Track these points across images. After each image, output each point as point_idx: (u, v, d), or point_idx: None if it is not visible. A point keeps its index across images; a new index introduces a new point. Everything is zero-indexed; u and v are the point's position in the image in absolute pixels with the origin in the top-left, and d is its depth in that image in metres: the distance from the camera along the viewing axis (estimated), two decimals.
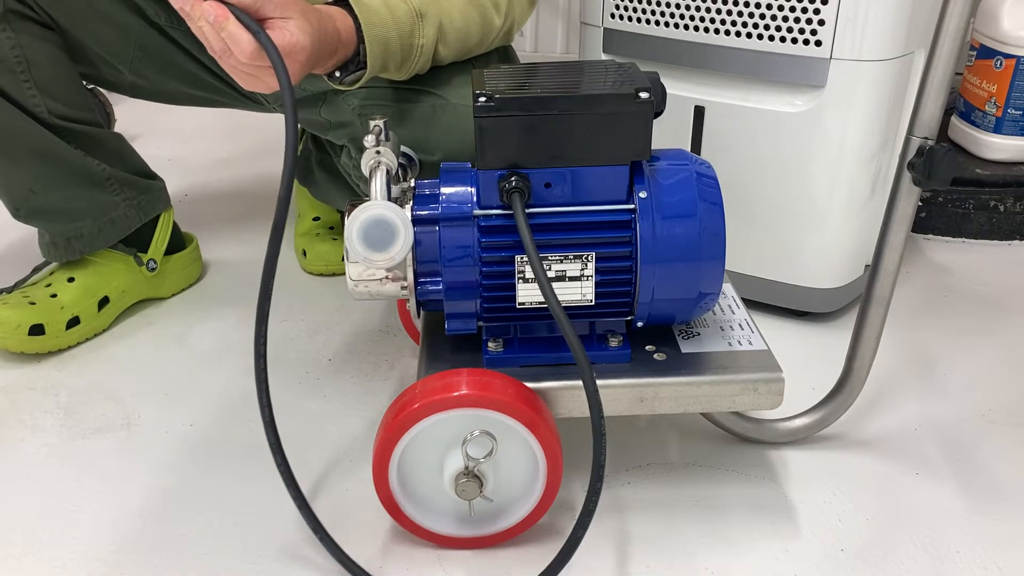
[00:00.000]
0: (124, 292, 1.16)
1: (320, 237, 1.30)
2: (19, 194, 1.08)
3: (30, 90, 1.02)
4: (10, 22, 0.99)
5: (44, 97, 1.03)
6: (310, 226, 1.32)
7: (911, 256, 1.34)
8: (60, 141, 1.06)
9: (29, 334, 1.06)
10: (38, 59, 1.02)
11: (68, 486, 0.89)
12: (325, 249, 1.28)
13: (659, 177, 0.79)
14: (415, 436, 0.75)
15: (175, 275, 1.23)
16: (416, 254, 0.78)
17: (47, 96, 1.04)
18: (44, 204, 1.09)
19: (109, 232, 1.14)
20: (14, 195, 1.09)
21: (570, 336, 0.71)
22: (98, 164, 1.11)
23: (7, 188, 1.09)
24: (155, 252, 1.19)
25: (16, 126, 1.03)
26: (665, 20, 1.10)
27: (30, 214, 1.10)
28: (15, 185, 1.08)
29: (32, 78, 1.02)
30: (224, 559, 0.80)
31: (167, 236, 1.21)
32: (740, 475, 0.89)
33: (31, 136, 1.04)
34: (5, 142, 1.03)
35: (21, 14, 1.00)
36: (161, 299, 1.22)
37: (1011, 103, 1.37)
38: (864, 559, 0.79)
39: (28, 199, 1.08)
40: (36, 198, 1.08)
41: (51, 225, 1.11)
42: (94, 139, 1.10)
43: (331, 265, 1.28)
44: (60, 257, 1.12)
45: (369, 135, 0.76)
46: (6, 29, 0.99)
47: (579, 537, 0.72)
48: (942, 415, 0.98)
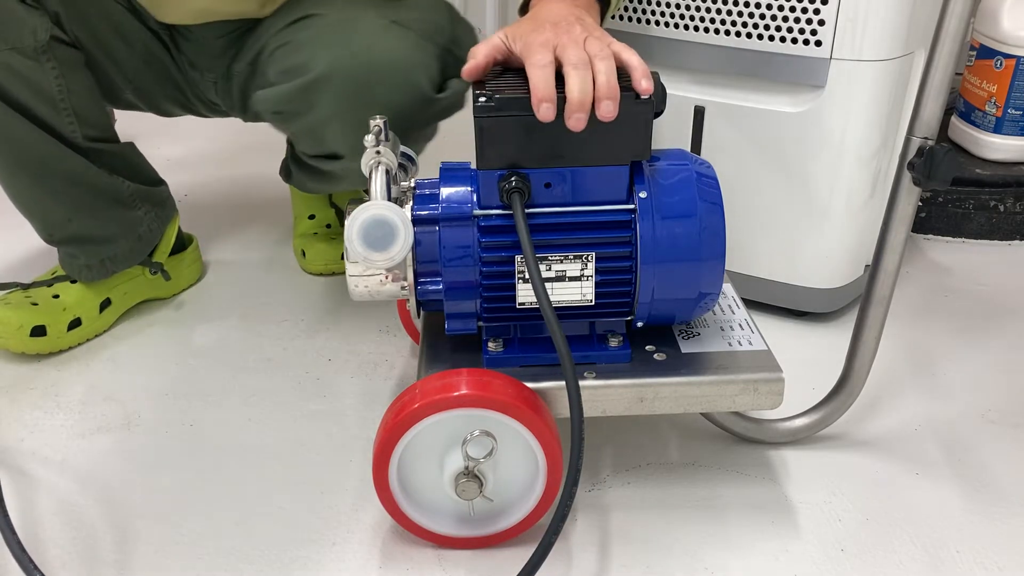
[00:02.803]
0: (126, 294, 1.16)
1: (318, 237, 1.30)
2: (56, 222, 1.09)
3: (68, 118, 1.03)
4: (53, 51, 1.00)
5: (80, 124, 1.04)
6: (307, 226, 1.32)
7: (911, 256, 1.34)
8: (92, 165, 1.07)
9: (31, 335, 1.06)
10: (75, 87, 1.03)
11: (68, 486, 0.89)
12: (323, 248, 1.28)
13: (659, 177, 0.79)
14: (415, 436, 0.75)
15: (175, 276, 1.23)
16: (416, 254, 0.78)
17: (82, 122, 1.04)
18: (81, 231, 1.10)
19: (138, 250, 1.15)
20: (51, 223, 1.09)
21: (557, 337, 0.72)
22: (122, 182, 1.11)
23: (44, 217, 1.09)
24: (161, 256, 1.19)
25: (55, 156, 1.03)
26: (665, 20, 1.10)
27: (65, 240, 1.11)
28: (52, 214, 1.08)
29: (71, 106, 1.03)
30: (224, 559, 0.80)
31: (172, 241, 1.21)
32: (740, 475, 0.89)
33: (68, 165, 1.05)
34: (45, 173, 1.04)
35: (58, 39, 1.00)
36: (161, 299, 1.22)
37: (1011, 103, 1.37)
38: (864, 559, 0.79)
39: (65, 227, 1.09)
40: (73, 225, 1.09)
41: (86, 248, 1.11)
42: (116, 155, 1.11)
43: (330, 264, 1.28)
44: (94, 278, 1.13)
45: (369, 135, 0.76)
46: (50, 60, 1.00)
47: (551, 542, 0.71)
48: (942, 415, 0.98)
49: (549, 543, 0.71)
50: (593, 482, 0.88)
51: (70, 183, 1.06)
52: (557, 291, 0.79)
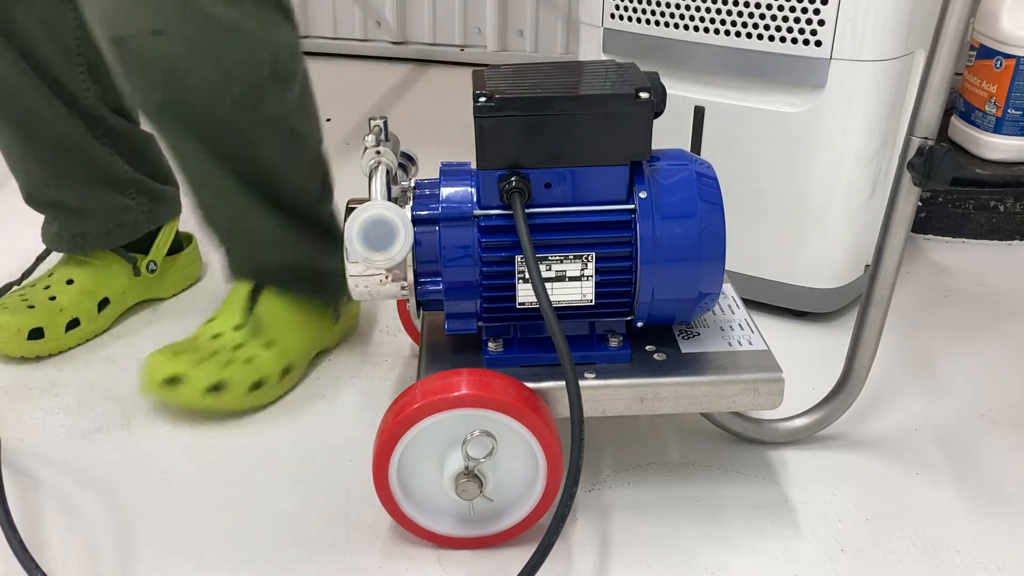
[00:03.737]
0: (124, 293, 1.16)
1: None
2: (36, 184, 1.07)
3: (81, 75, 0.99)
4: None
5: (93, 83, 1.00)
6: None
7: (911, 256, 1.34)
8: (89, 136, 1.04)
9: (28, 338, 1.06)
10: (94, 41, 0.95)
11: (68, 486, 0.89)
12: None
13: (659, 177, 0.79)
14: (415, 436, 0.75)
15: (175, 275, 1.23)
16: (416, 254, 0.78)
17: (95, 82, 1.00)
18: (57, 197, 1.08)
19: (116, 235, 1.13)
20: (31, 183, 1.08)
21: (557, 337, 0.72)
22: (122, 165, 1.09)
23: (26, 176, 1.07)
24: (156, 254, 1.18)
25: (50, 118, 1.00)
26: (665, 20, 1.10)
27: (42, 203, 1.09)
28: (34, 175, 1.07)
29: (86, 63, 0.98)
30: (224, 559, 0.80)
31: (169, 240, 1.20)
32: (740, 475, 0.89)
33: (62, 129, 1.02)
34: (34, 134, 1.01)
35: None
36: (161, 299, 1.22)
37: (1011, 103, 1.37)
38: (864, 559, 0.79)
39: (43, 191, 1.08)
40: (50, 191, 1.07)
41: (60, 216, 1.10)
42: (126, 136, 1.09)
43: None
44: (62, 249, 1.11)
45: (369, 135, 0.76)
46: (74, 9, 0.95)
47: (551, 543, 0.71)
48: (942, 415, 0.98)
49: (549, 543, 0.71)
50: (593, 482, 0.88)
51: (56, 148, 1.03)
52: (557, 291, 0.79)
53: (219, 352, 0.96)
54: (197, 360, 0.95)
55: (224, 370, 0.94)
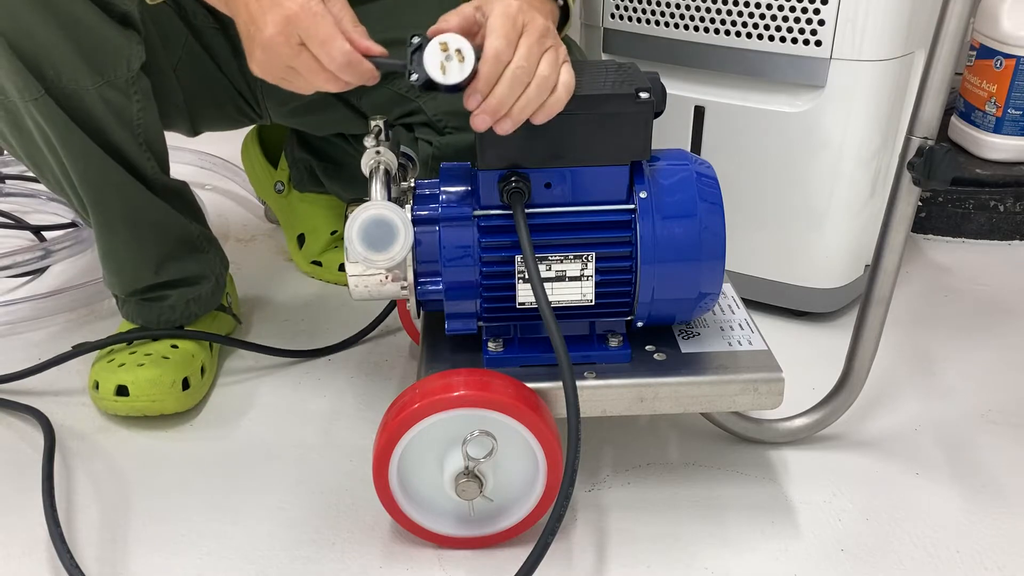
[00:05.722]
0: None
1: (339, 249, 1.26)
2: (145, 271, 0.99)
3: (146, 154, 0.95)
4: (139, 81, 0.91)
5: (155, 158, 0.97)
6: (328, 240, 1.28)
7: (911, 256, 1.34)
8: (169, 208, 0.99)
9: (183, 389, 0.97)
10: (150, 118, 0.95)
11: (68, 486, 0.89)
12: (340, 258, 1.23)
13: (659, 177, 0.79)
14: (415, 436, 0.75)
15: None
16: (416, 254, 0.78)
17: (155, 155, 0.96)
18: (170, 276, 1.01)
19: (218, 291, 1.08)
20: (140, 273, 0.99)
21: (555, 337, 0.72)
22: (190, 223, 1.03)
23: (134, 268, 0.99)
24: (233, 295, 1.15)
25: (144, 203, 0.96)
26: (665, 20, 1.10)
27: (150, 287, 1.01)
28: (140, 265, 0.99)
29: (145, 140, 0.94)
30: (224, 559, 0.80)
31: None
32: (740, 475, 0.89)
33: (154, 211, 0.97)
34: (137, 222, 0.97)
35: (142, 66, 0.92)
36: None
37: (1011, 103, 1.37)
38: (864, 559, 0.79)
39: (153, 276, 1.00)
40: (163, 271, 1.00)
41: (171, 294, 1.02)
42: (177, 194, 1.03)
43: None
44: (175, 322, 1.03)
45: (368, 135, 0.76)
46: (136, 92, 0.91)
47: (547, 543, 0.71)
48: (942, 415, 0.98)
49: (546, 544, 0.71)
50: (593, 482, 0.88)
51: (159, 231, 0.98)
52: (557, 291, 0.79)
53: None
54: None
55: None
